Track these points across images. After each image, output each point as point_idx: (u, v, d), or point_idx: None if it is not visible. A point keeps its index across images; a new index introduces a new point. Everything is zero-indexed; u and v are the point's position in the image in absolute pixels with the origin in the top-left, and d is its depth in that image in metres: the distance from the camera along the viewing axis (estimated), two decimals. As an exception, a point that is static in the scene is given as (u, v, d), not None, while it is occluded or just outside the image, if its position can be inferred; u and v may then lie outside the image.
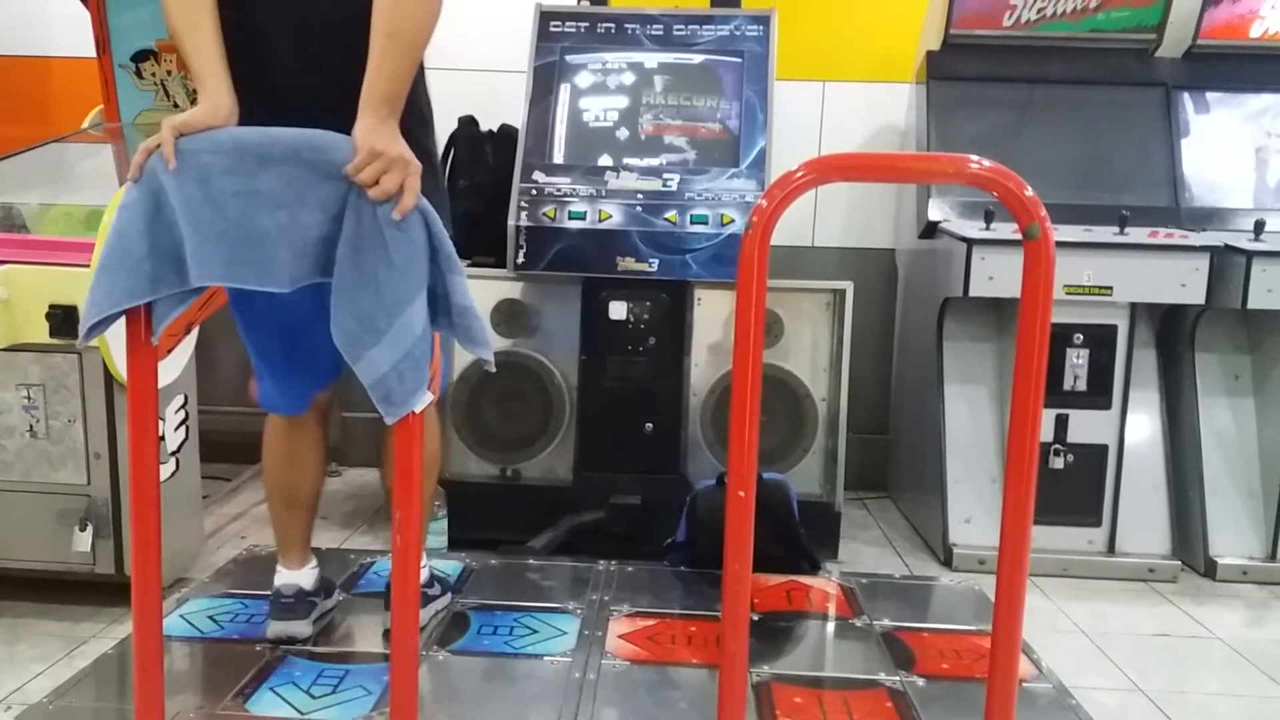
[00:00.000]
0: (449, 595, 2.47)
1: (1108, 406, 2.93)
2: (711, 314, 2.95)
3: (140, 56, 3.28)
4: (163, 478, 2.10)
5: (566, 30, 3.08)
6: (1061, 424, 2.91)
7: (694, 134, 2.99)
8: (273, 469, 2.23)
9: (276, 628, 2.22)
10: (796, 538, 2.76)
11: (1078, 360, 2.91)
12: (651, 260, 2.77)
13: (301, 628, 2.23)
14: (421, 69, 1.83)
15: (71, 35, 3.49)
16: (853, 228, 3.65)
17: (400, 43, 1.64)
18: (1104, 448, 2.93)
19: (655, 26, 3.06)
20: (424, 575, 2.36)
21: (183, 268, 1.54)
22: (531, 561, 2.78)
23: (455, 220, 2.13)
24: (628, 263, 2.78)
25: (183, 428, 2.57)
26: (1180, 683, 2.34)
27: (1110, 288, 2.82)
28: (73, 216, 2.80)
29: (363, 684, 2.07)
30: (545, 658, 2.23)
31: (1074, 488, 2.92)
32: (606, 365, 2.91)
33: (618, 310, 2.89)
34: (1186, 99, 3.20)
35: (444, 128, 2.66)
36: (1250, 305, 2.77)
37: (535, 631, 2.35)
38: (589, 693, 2.08)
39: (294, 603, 2.23)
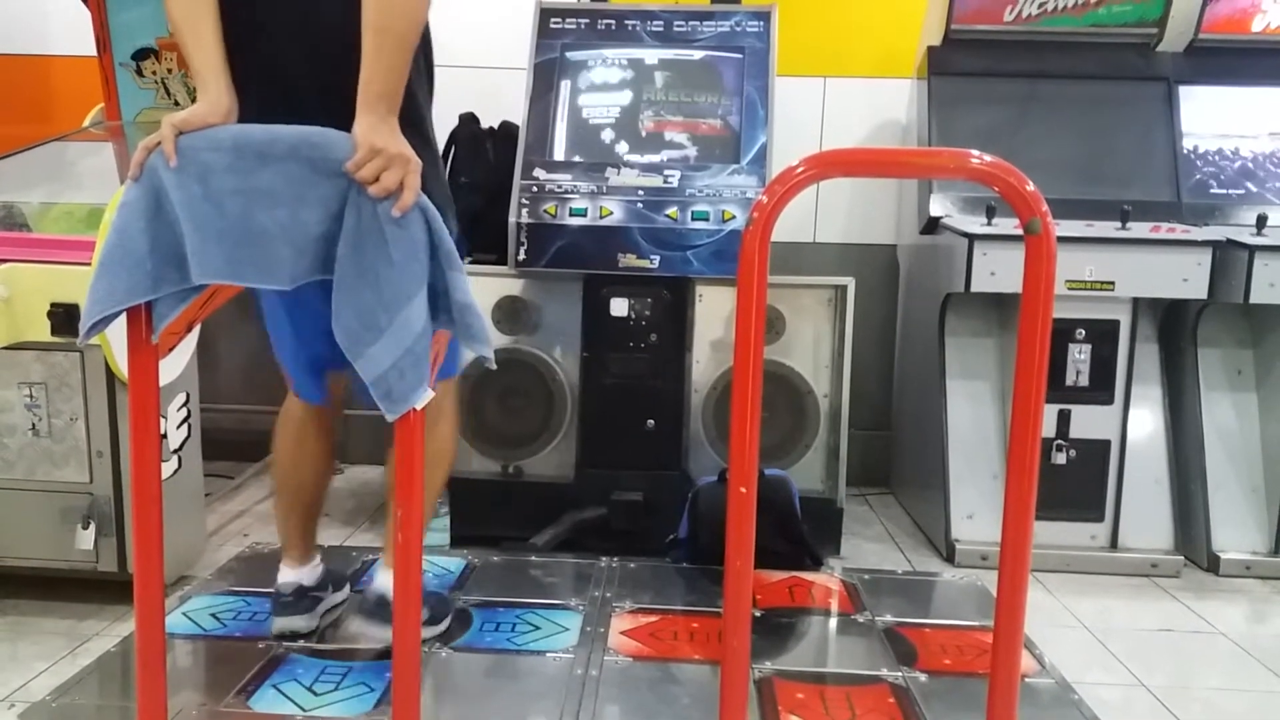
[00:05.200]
0: (444, 624, 2.30)
1: (1110, 402, 2.92)
2: (713, 310, 2.94)
3: (141, 55, 3.28)
4: (165, 475, 2.09)
5: (567, 27, 3.07)
6: (1064, 419, 2.90)
7: (695, 130, 2.98)
8: (281, 465, 2.26)
9: (279, 624, 2.24)
10: (798, 534, 2.76)
11: (1080, 355, 2.90)
12: (653, 257, 2.77)
13: (302, 621, 2.24)
14: (419, 63, 1.82)
15: (72, 33, 3.49)
16: (854, 223, 3.64)
17: (391, 37, 1.63)
18: (1106, 443, 2.93)
19: (656, 23, 3.06)
20: None
21: (184, 266, 1.54)
22: (533, 558, 2.78)
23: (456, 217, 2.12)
24: (629, 259, 2.78)
25: (185, 425, 2.57)
26: (1184, 678, 2.34)
27: (1112, 283, 2.81)
28: (74, 215, 2.79)
29: (365, 681, 2.07)
30: (547, 654, 2.23)
31: (1076, 483, 2.91)
32: (608, 362, 2.91)
33: (619, 307, 2.88)
34: (1188, 93, 3.19)
35: (444, 125, 2.66)
36: (1253, 300, 2.76)
37: (537, 628, 2.35)
38: (591, 689, 2.08)
39: (294, 600, 2.25)
